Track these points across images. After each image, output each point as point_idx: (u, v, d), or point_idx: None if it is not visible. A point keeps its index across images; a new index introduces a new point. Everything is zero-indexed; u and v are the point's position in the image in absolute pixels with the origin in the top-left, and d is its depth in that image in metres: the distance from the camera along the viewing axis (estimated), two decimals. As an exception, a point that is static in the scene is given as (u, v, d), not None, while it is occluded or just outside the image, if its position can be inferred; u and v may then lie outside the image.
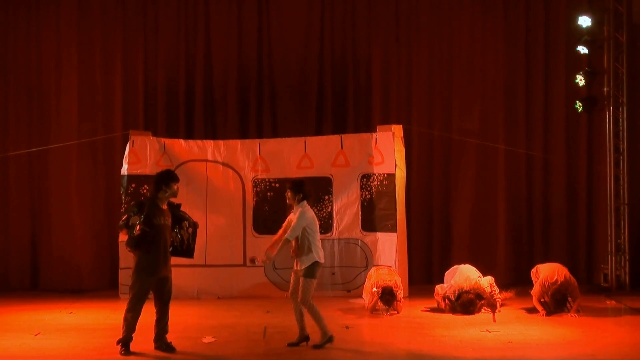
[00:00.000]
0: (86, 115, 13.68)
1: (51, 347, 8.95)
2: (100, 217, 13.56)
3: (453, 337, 9.32)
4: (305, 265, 8.79)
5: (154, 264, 8.50)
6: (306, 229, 8.82)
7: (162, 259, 8.56)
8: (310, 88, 13.92)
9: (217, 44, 13.92)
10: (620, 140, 12.96)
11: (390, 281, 10.84)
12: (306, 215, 8.83)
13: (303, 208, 8.87)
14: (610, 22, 12.96)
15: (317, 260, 8.83)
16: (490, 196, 13.64)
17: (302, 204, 8.92)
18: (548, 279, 10.73)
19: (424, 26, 13.87)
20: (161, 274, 8.59)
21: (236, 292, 12.45)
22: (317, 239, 8.90)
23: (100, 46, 13.73)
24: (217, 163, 12.66)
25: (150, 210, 8.48)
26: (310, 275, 8.83)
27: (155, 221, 8.45)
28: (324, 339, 8.81)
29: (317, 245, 8.88)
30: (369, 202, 12.51)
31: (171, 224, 8.64)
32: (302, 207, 8.87)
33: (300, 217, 8.79)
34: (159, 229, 8.47)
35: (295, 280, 8.99)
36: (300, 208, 8.87)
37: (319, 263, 8.88)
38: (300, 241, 8.82)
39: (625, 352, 8.75)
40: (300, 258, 8.84)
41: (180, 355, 8.50)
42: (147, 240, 8.37)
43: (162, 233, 8.51)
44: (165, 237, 8.56)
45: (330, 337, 8.81)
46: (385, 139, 12.52)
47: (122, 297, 12.43)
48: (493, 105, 13.70)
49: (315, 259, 8.82)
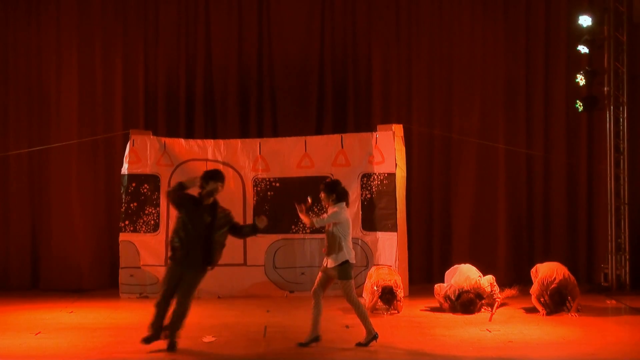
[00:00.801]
0: (87, 115, 13.68)
1: (51, 346, 8.94)
2: (101, 217, 13.57)
3: (453, 337, 9.32)
4: (336, 264, 8.79)
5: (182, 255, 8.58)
6: (338, 227, 8.81)
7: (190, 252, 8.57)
8: (311, 87, 13.92)
9: (218, 43, 13.91)
10: (621, 139, 12.96)
11: (391, 280, 10.84)
12: (340, 214, 8.82)
13: (339, 208, 8.85)
14: (610, 22, 12.96)
15: (347, 259, 8.81)
16: (491, 195, 13.64)
17: (340, 205, 8.87)
18: (547, 278, 10.73)
19: (425, 25, 13.87)
20: (186, 266, 8.58)
21: (236, 291, 12.45)
22: (349, 240, 8.89)
23: (100, 45, 13.72)
24: (217, 162, 12.65)
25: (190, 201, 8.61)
26: (345, 277, 8.84)
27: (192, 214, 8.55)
28: (369, 337, 8.83)
29: (348, 245, 8.86)
30: (369, 202, 12.51)
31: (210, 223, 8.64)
32: (339, 207, 8.85)
33: (332, 213, 8.82)
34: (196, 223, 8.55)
35: (322, 278, 8.97)
36: (335, 208, 8.85)
37: (349, 263, 8.86)
38: (331, 240, 8.82)
39: (626, 351, 8.75)
40: (331, 256, 8.84)
41: (181, 355, 8.49)
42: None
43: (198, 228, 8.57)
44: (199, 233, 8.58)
45: (375, 335, 8.82)
46: (385, 139, 12.52)
47: (123, 296, 12.48)
48: (493, 104, 13.70)
49: (346, 258, 8.81)
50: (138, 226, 12.57)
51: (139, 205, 12.60)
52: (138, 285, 12.49)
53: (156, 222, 12.57)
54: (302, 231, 12.54)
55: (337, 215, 8.80)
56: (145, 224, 12.58)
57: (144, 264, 12.50)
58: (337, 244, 8.79)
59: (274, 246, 12.52)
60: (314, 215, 9.18)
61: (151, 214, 12.59)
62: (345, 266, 8.82)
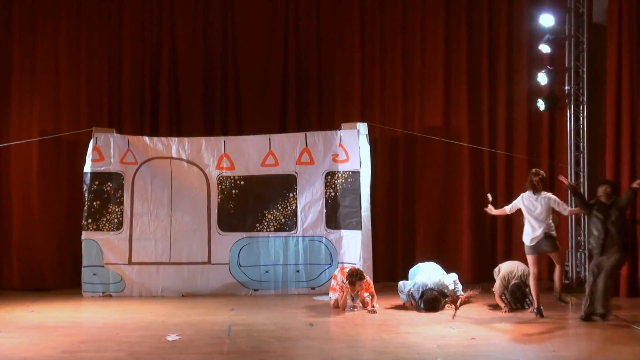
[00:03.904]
0: (49, 112, 13.54)
1: (12, 345, 8.84)
2: (63, 215, 13.42)
3: (417, 334, 9.38)
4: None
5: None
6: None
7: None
8: (275, 86, 13.92)
9: (182, 41, 13.86)
10: (581, 138, 13.14)
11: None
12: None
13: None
14: (571, 22, 13.14)
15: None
16: (455, 194, 13.74)
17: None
18: (508, 274, 11.00)
19: (388, 24, 13.92)
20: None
21: (201, 289, 12.43)
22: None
23: (64, 43, 13.58)
24: (181, 160, 12.62)
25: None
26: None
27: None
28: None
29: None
30: (333, 200, 12.55)
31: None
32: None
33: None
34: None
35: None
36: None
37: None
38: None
39: (585, 347, 8.89)
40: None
41: (144, 354, 8.45)
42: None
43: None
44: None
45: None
46: (349, 137, 12.57)
47: (86, 295, 12.39)
48: (457, 103, 13.79)
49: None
50: (101, 225, 12.48)
51: (102, 204, 12.52)
52: (101, 284, 12.42)
53: (119, 221, 12.50)
54: (266, 229, 12.55)
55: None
56: (108, 223, 12.50)
57: (107, 262, 12.42)
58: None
59: (239, 244, 12.51)
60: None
61: (114, 213, 12.51)
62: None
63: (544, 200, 10.60)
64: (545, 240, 10.50)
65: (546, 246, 10.52)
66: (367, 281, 11.13)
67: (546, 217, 10.55)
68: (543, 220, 10.52)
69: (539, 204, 10.58)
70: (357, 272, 11.03)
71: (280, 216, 12.58)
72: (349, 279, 10.92)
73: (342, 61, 13.92)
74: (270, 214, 12.58)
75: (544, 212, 10.54)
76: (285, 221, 12.58)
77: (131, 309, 11.28)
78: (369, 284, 11.18)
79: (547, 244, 10.50)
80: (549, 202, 10.60)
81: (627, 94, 12.14)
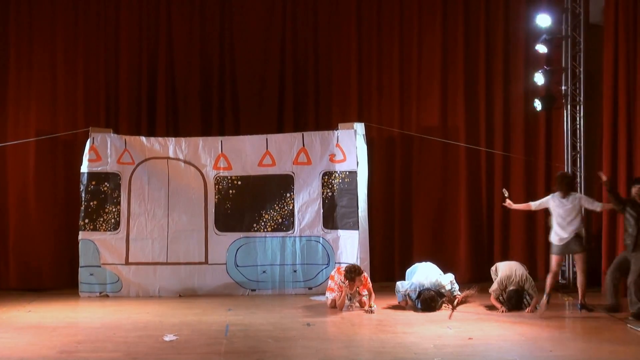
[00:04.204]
0: (46, 112, 13.52)
1: (9, 345, 8.84)
2: (60, 215, 13.40)
3: (414, 334, 9.39)
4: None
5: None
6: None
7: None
8: (272, 86, 13.90)
9: (180, 41, 13.84)
10: (577, 138, 13.16)
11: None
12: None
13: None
14: (568, 22, 13.16)
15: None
16: (452, 194, 13.74)
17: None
18: (506, 279, 10.98)
19: (385, 24, 13.92)
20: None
21: (198, 290, 12.42)
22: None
23: (62, 43, 13.56)
24: (178, 160, 12.62)
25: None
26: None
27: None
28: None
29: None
30: (330, 200, 12.55)
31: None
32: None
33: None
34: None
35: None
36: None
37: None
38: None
39: (582, 347, 8.90)
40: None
41: (141, 355, 8.45)
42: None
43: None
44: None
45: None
46: (347, 137, 12.57)
47: (82, 295, 12.38)
48: (453, 103, 13.79)
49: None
50: (98, 225, 12.47)
51: (99, 204, 12.51)
52: (98, 284, 12.41)
53: (116, 221, 12.49)
54: (263, 230, 12.55)
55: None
56: (105, 223, 12.49)
57: (104, 262, 12.41)
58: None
59: (236, 245, 12.51)
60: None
61: (111, 213, 12.51)
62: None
63: (574, 200, 10.70)
64: (574, 240, 10.65)
65: (575, 246, 10.68)
66: (365, 276, 11.15)
67: (576, 217, 10.65)
68: (573, 221, 10.64)
69: (570, 203, 10.69)
70: (355, 267, 11.06)
71: (277, 216, 12.58)
72: (348, 276, 10.92)
73: (339, 61, 13.92)
74: (267, 214, 12.59)
75: (574, 212, 10.66)
76: (283, 221, 12.58)
77: (128, 309, 11.28)
78: (367, 279, 11.20)
79: (576, 243, 10.67)
80: (580, 201, 10.74)
81: (623, 93, 12.16)
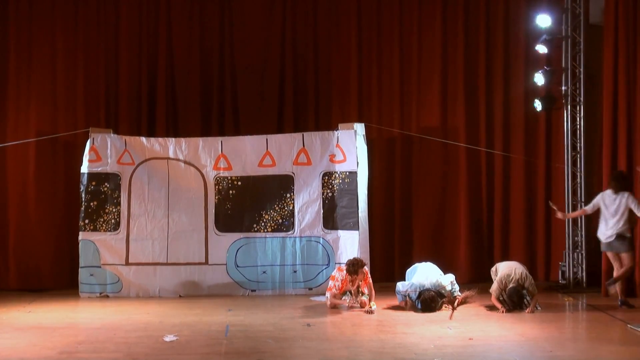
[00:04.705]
0: (46, 113, 13.52)
1: (9, 346, 8.84)
2: (60, 216, 13.39)
3: (414, 334, 9.38)
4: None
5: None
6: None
7: None
8: (272, 86, 13.89)
9: (180, 41, 13.83)
10: (577, 138, 13.15)
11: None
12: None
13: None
14: (568, 22, 13.15)
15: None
16: (452, 194, 13.74)
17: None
18: (505, 277, 10.95)
19: (385, 25, 13.92)
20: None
21: (198, 290, 12.42)
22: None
23: (62, 43, 13.56)
24: (178, 161, 12.62)
25: None
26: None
27: None
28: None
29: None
30: (330, 200, 12.55)
31: None
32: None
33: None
34: None
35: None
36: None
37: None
38: None
39: (582, 348, 8.90)
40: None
41: (142, 355, 8.45)
42: None
43: None
44: None
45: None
46: (347, 137, 12.57)
47: (83, 295, 12.37)
48: (454, 103, 13.80)
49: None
50: (98, 225, 12.47)
51: (99, 204, 12.51)
52: (98, 284, 12.41)
53: (117, 221, 12.49)
54: (263, 230, 12.55)
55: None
56: (105, 223, 12.49)
57: (104, 263, 12.41)
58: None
59: (236, 245, 12.51)
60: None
61: (111, 213, 12.51)
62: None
63: (622, 198, 10.75)
64: (617, 240, 10.76)
65: (619, 246, 10.78)
66: (366, 270, 11.14)
67: (621, 216, 10.72)
68: (617, 219, 10.71)
69: (617, 202, 10.75)
70: (357, 260, 11.06)
71: (277, 217, 12.58)
72: (351, 269, 10.92)
73: (339, 61, 13.91)
74: (267, 214, 12.59)
75: (620, 211, 10.72)
76: (283, 222, 12.58)
77: (128, 309, 11.28)
78: (367, 273, 11.19)
79: (619, 244, 10.79)
80: (627, 201, 10.75)
81: (623, 94, 12.15)
